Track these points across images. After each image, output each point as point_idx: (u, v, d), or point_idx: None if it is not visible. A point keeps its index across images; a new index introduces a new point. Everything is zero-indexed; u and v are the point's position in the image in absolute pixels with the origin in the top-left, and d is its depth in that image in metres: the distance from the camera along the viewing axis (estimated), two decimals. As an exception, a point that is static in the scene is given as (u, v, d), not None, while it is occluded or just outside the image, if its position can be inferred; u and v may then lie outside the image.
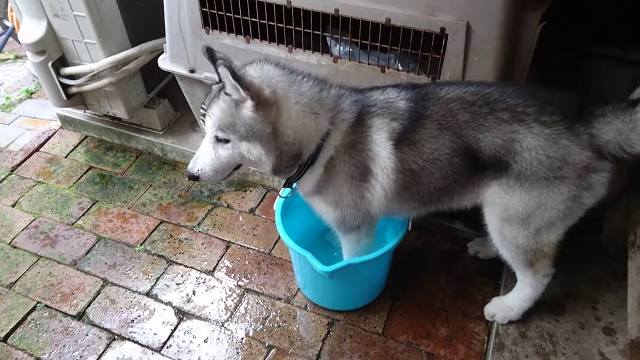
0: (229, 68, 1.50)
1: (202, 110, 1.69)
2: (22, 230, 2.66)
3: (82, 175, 2.97)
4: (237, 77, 1.52)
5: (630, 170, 2.04)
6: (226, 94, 1.59)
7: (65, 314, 2.28)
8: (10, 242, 2.61)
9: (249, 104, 1.58)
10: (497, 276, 2.31)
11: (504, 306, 2.09)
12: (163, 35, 2.44)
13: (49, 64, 2.68)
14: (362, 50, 2.05)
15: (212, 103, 1.66)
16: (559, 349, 1.99)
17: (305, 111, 1.66)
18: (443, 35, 1.84)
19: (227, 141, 1.66)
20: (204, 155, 1.71)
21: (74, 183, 2.92)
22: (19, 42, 3.10)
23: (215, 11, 2.18)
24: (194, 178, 1.74)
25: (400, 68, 2.03)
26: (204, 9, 2.20)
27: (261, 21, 2.11)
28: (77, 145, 3.17)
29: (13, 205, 2.80)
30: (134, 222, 2.68)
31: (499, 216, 1.81)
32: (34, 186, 2.91)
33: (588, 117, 1.64)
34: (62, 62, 2.73)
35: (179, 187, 2.87)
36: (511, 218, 1.78)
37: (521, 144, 1.64)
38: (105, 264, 2.49)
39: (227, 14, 2.16)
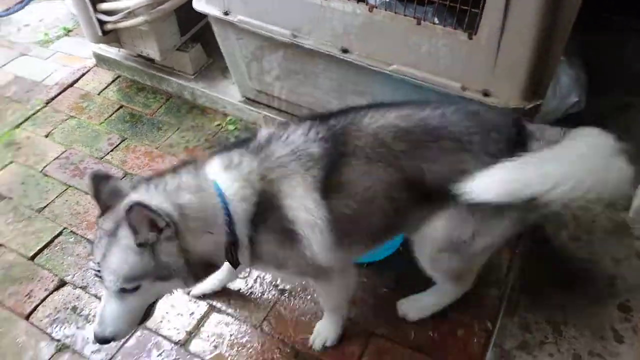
0: (146, 207, 1.31)
1: (96, 270, 1.45)
2: (54, 159, 2.75)
3: (113, 113, 3.02)
4: (153, 211, 1.32)
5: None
6: (139, 245, 1.37)
7: (90, 241, 2.36)
8: (42, 169, 2.70)
9: (168, 233, 1.39)
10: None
11: (417, 306, 2.02)
12: (201, -25, 2.43)
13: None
14: (398, 2, 2.01)
15: (108, 255, 1.41)
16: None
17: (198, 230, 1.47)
18: (484, -12, 1.79)
19: (136, 288, 1.45)
20: (111, 314, 1.48)
21: (105, 120, 2.99)
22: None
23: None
24: (107, 341, 1.53)
25: (437, 22, 1.98)
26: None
27: (299, -35, 2.08)
28: (110, 84, 3.22)
29: (46, 136, 2.89)
30: (160, 161, 2.74)
31: (437, 246, 1.68)
32: (66, 120, 2.99)
33: (528, 140, 1.59)
34: (100, -3, 2.76)
35: (206, 131, 2.90)
36: (452, 248, 1.66)
37: (472, 174, 1.45)
38: (130, 198, 2.55)
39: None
